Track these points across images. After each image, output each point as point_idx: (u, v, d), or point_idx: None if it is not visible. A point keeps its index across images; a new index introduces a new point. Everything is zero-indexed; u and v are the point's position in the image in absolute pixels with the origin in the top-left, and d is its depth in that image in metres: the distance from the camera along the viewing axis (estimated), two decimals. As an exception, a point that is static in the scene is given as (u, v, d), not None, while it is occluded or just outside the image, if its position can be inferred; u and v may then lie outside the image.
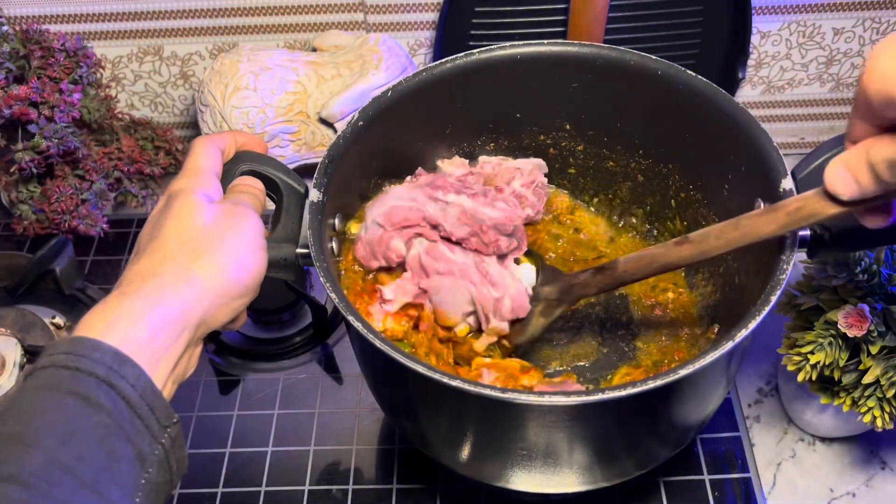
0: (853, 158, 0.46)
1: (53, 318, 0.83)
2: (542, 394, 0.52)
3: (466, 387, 0.51)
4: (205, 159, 0.57)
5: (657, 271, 0.62)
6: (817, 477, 0.77)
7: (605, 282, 0.65)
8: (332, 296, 0.56)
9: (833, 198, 0.48)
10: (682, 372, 0.51)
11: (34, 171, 0.87)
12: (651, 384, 0.51)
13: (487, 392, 0.51)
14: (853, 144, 0.46)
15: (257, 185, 0.60)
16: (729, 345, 0.52)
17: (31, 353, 0.78)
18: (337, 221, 0.66)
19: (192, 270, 0.49)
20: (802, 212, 0.52)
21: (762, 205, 0.63)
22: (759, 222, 0.55)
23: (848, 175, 0.46)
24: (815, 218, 0.51)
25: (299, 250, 0.59)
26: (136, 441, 0.43)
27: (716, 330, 0.70)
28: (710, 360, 0.52)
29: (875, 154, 0.44)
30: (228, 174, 0.59)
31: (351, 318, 0.55)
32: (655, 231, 0.80)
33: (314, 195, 0.61)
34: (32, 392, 0.43)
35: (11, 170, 0.87)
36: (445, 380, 0.51)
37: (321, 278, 0.57)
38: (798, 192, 0.59)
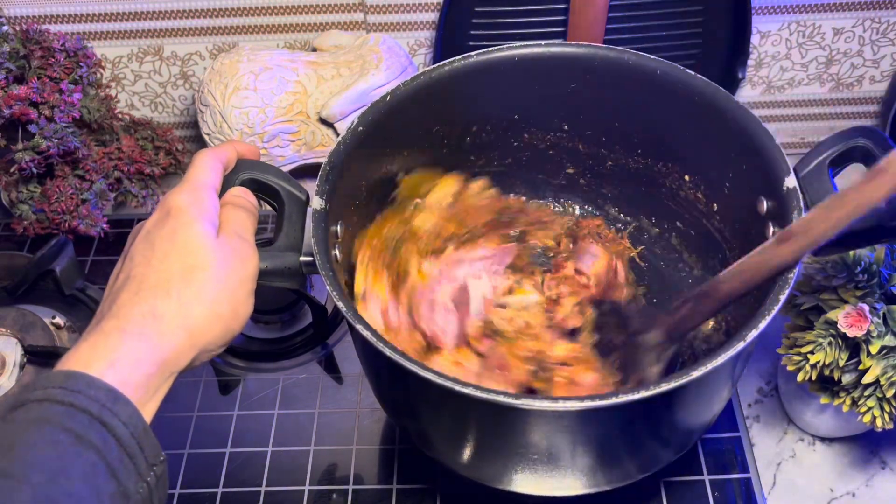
0: None
1: (53, 318, 0.83)
2: (555, 399, 0.52)
3: (477, 393, 0.51)
4: (206, 173, 0.56)
5: (764, 279, 0.56)
6: (817, 477, 0.77)
7: (711, 306, 0.60)
8: (340, 304, 0.55)
9: None
10: (695, 374, 0.51)
11: (34, 171, 0.87)
12: (665, 386, 0.51)
13: (499, 399, 0.51)
14: None
15: (250, 198, 0.59)
16: (740, 345, 0.52)
17: (31, 353, 0.78)
18: (339, 228, 0.66)
19: (191, 318, 0.49)
20: None
21: (765, 203, 0.63)
22: (869, 189, 0.49)
23: None
24: None
25: (303, 258, 0.59)
26: (122, 479, 0.43)
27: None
28: (722, 361, 0.52)
29: None
30: (228, 183, 0.59)
31: (360, 328, 0.54)
32: (657, 230, 0.80)
33: (317, 203, 0.61)
34: (24, 426, 0.43)
35: (11, 170, 0.87)
36: (458, 387, 0.51)
37: (328, 287, 0.56)
38: (801, 191, 0.59)
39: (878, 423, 0.67)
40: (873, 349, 0.65)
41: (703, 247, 0.76)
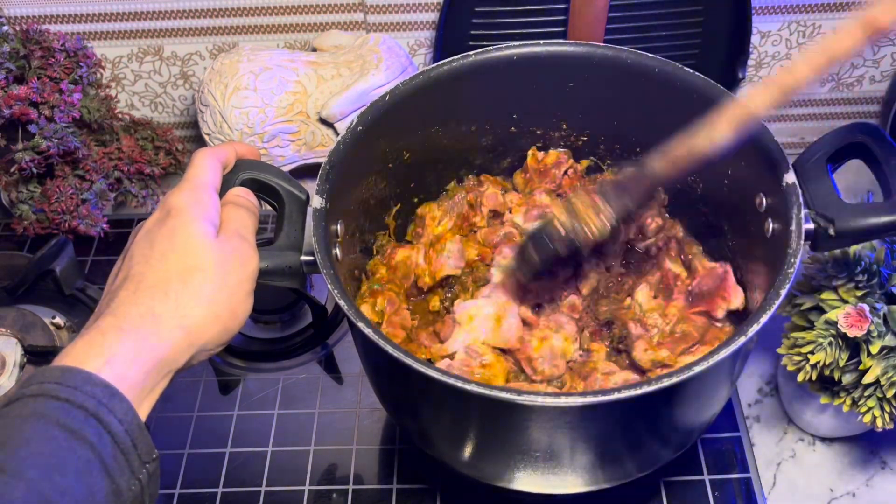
0: None
1: (53, 318, 0.83)
2: (556, 395, 0.52)
3: (478, 390, 0.51)
4: (206, 173, 0.56)
5: (698, 155, 0.57)
6: (817, 477, 0.77)
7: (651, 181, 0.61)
8: (342, 303, 0.56)
9: None
10: (696, 369, 0.51)
11: (34, 171, 0.87)
12: (666, 381, 0.51)
13: (501, 395, 0.51)
14: None
15: (251, 198, 0.59)
16: (741, 340, 0.52)
17: (31, 353, 0.78)
18: (339, 227, 0.66)
19: (189, 317, 0.49)
20: None
21: (765, 200, 0.63)
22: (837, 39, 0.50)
23: None
24: None
25: (304, 258, 0.59)
26: (115, 476, 0.43)
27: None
28: (724, 356, 0.52)
29: None
30: (228, 183, 0.59)
31: (361, 325, 0.54)
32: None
33: (317, 202, 0.61)
34: (20, 421, 0.43)
35: (11, 170, 0.87)
36: (459, 384, 0.51)
37: (329, 285, 0.57)
38: (800, 186, 0.59)
39: (879, 423, 0.67)
40: (873, 349, 0.65)
41: (702, 243, 0.76)
